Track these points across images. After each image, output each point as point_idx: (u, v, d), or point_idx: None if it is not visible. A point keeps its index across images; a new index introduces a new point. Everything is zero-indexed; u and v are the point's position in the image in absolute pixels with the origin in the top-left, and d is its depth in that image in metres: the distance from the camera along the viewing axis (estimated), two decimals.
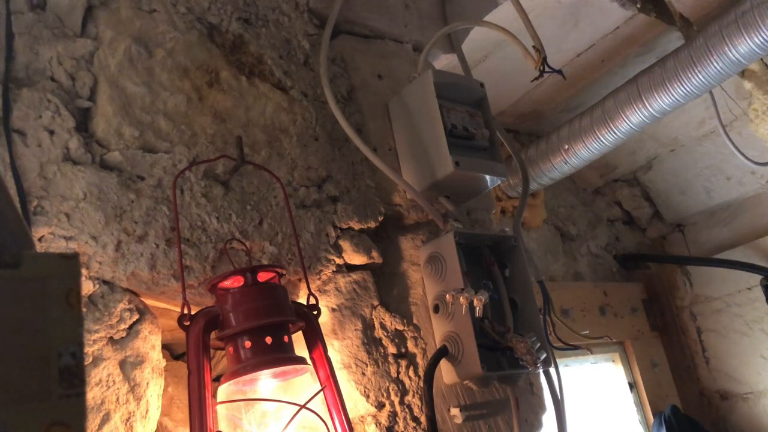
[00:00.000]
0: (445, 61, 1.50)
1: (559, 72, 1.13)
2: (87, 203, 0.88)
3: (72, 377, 0.43)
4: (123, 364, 0.87)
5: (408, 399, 1.08)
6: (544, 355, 1.09)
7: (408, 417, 1.06)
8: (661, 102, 1.74)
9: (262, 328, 0.87)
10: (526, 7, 1.18)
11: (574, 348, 1.23)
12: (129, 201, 0.92)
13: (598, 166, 2.59)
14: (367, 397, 1.04)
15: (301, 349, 0.94)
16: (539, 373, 1.23)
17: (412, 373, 1.10)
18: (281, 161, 1.09)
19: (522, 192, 1.36)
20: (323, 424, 0.89)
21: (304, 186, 1.11)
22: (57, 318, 0.44)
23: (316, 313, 0.98)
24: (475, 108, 1.25)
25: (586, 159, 2.00)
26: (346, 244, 1.12)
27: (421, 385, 1.08)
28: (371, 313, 1.11)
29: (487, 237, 1.20)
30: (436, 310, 1.12)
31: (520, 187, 1.37)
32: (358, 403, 1.04)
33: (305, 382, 0.92)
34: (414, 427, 1.06)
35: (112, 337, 0.87)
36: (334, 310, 1.08)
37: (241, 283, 0.90)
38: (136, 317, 0.90)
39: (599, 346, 2.24)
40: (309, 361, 0.94)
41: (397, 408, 1.06)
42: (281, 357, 0.88)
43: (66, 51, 0.95)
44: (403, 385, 1.08)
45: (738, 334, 2.36)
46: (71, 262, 0.46)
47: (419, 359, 1.12)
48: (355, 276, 1.12)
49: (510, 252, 1.21)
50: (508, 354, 1.08)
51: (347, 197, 1.15)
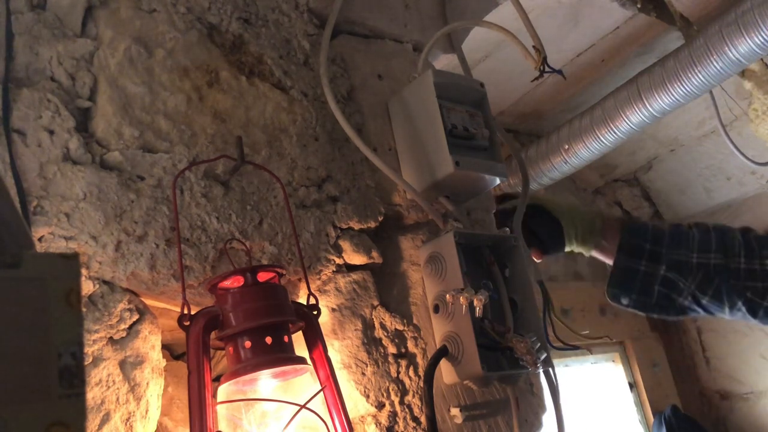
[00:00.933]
0: (445, 61, 1.50)
1: (559, 72, 1.13)
2: (87, 203, 0.88)
3: (72, 377, 0.43)
4: (123, 364, 0.87)
5: (408, 399, 1.08)
6: (544, 355, 1.09)
7: (408, 417, 1.06)
8: (661, 102, 1.74)
9: (262, 328, 0.87)
10: (526, 7, 1.18)
11: (573, 348, 1.23)
12: (129, 201, 0.92)
13: (598, 166, 2.59)
14: (367, 397, 1.04)
15: (301, 349, 0.94)
16: (539, 373, 1.23)
17: (412, 373, 1.10)
18: (281, 161, 1.09)
19: (522, 192, 1.36)
20: (323, 424, 0.89)
21: (304, 186, 1.11)
22: (57, 318, 0.44)
23: (316, 313, 0.98)
24: (475, 108, 1.25)
25: (586, 159, 2.00)
26: (346, 244, 1.12)
27: (421, 385, 1.08)
28: (371, 313, 1.11)
29: (487, 237, 1.20)
30: (436, 310, 1.12)
31: (520, 187, 1.36)
32: (358, 403, 1.04)
33: (305, 382, 0.92)
34: (414, 427, 1.06)
35: (112, 337, 0.87)
36: (334, 310, 1.08)
37: (241, 283, 0.90)
38: (136, 317, 0.90)
39: (599, 346, 2.24)
40: (309, 361, 0.94)
41: (397, 408, 1.06)
42: (281, 357, 0.88)
43: (66, 51, 0.95)
44: (403, 385, 1.08)
45: (738, 334, 2.36)
46: (71, 262, 0.46)
47: (419, 359, 1.12)
48: (355, 276, 1.12)
49: (510, 252, 1.21)
50: (508, 354, 1.08)
51: (347, 197, 1.15)
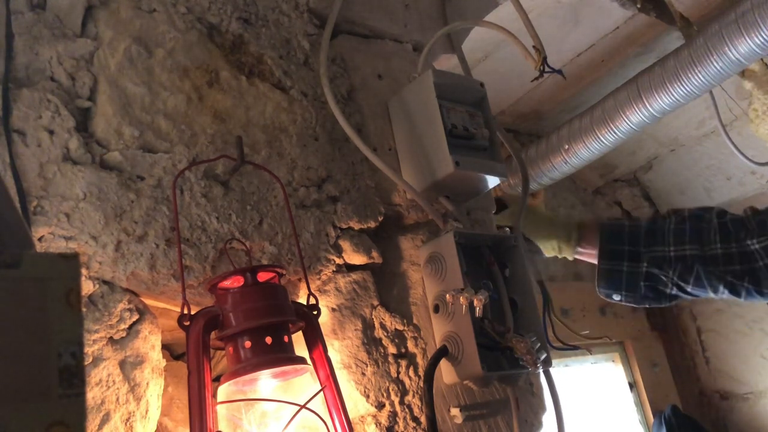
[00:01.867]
0: (445, 61, 1.50)
1: (559, 72, 1.13)
2: (87, 203, 0.88)
3: (72, 377, 0.43)
4: (123, 364, 0.87)
5: (408, 399, 1.08)
6: (544, 355, 1.09)
7: (408, 417, 1.06)
8: (661, 102, 1.74)
9: (262, 328, 0.87)
10: (526, 7, 1.18)
11: (573, 348, 1.23)
12: (129, 201, 0.92)
13: (598, 166, 2.59)
14: (367, 397, 1.04)
15: (301, 349, 0.94)
16: (539, 373, 1.23)
17: (412, 373, 1.10)
18: (281, 161, 1.09)
19: (522, 192, 1.36)
20: (323, 424, 0.89)
21: (304, 186, 1.11)
22: (57, 318, 0.44)
23: (316, 313, 0.98)
24: (475, 108, 1.25)
25: (586, 159, 2.00)
26: (346, 244, 1.12)
27: (421, 385, 1.08)
28: (371, 313, 1.11)
29: (487, 237, 1.20)
30: (436, 310, 1.12)
31: (520, 187, 1.36)
32: (358, 403, 1.04)
33: (305, 382, 0.92)
34: (414, 427, 1.06)
35: (112, 337, 0.87)
36: (334, 310, 1.08)
37: (241, 283, 0.90)
38: (136, 317, 0.90)
39: (599, 346, 2.24)
40: (309, 361, 0.94)
41: (397, 408, 1.06)
42: (281, 357, 0.88)
43: (66, 51, 0.95)
44: (403, 385, 1.08)
45: (738, 334, 2.37)
46: (71, 262, 0.46)
47: (419, 359, 1.12)
48: (355, 276, 1.12)
49: (510, 252, 1.21)
50: (508, 354, 1.08)
51: (347, 197, 1.15)
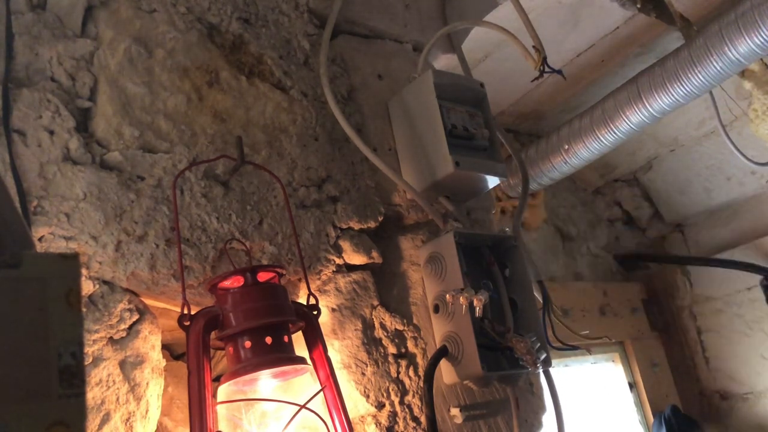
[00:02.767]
0: (445, 61, 1.50)
1: (559, 72, 1.13)
2: (87, 203, 0.88)
3: (72, 377, 0.43)
4: (123, 364, 0.87)
5: (408, 399, 1.08)
6: (544, 355, 1.09)
7: (408, 417, 1.06)
8: (661, 102, 1.74)
9: (262, 328, 0.87)
10: (526, 7, 1.18)
11: (573, 348, 1.23)
12: (129, 201, 0.92)
13: (598, 166, 2.59)
14: (367, 397, 1.04)
15: (301, 349, 0.94)
16: (539, 373, 1.23)
17: (412, 373, 1.10)
18: (281, 161, 1.09)
19: (522, 192, 1.36)
20: (323, 424, 0.89)
21: (304, 186, 1.11)
22: (57, 318, 0.44)
23: (316, 313, 0.98)
24: (475, 108, 1.25)
25: (586, 159, 2.00)
26: (346, 244, 1.12)
27: (421, 385, 1.08)
28: (371, 313, 1.11)
29: (487, 237, 1.20)
30: (436, 310, 1.12)
31: (520, 187, 1.37)
32: (358, 403, 1.04)
33: (305, 382, 0.92)
34: (414, 427, 1.06)
35: (112, 337, 0.87)
36: (334, 310, 1.08)
37: (241, 283, 0.90)
38: (136, 317, 0.90)
39: (599, 346, 2.24)
40: (309, 361, 0.94)
41: (397, 408, 1.06)
42: (281, 357, 0.88)
43: (66, 51, 0.95)
44: (403, 385, 1.08)
45: (738, 334, 2.36)
46: (71, 262, 0.46)
47: (419, 359, 1.12)
48: (355, 276, 1.12)
49: (510, 252, 1.21)
50: (508, 354, 1.08)
51: (347, 197, 1.15)
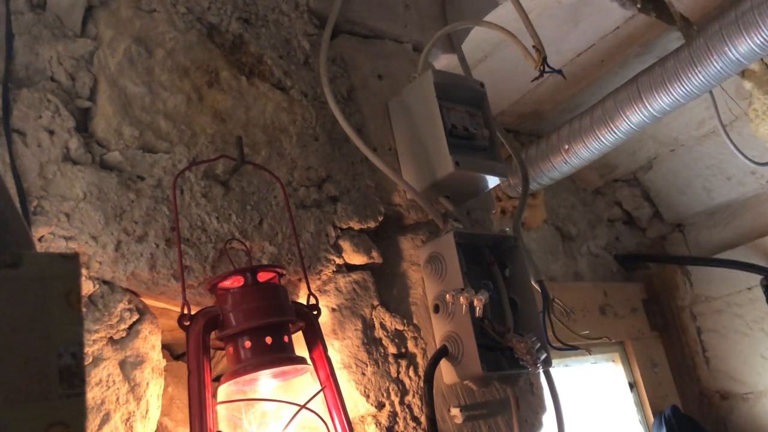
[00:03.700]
0: (445, 61, 1.50)
1: (559, 72, 1.13)
2: (87, 203, 0.88)
3: (72, 377, 0.43)
4: (123, 364, 0.87)
5: (408, 399, 1.08)
6: (544, 355, 1.09)
7: (408, 417, 1.06)
8: (661, 102, 1.74)
9: (262, 328, 0.87)
10: (526, 7, 1.18)
11: (573, 348, 1.23)
12: (129, 201, 0.92)
13: (598, 166, 2.59)
14: (367, 397, 1.04)
15: (301, 349, 0.94)
16: (539, 373, 1.23)
17: (412, 373, 1.10)
18: (281, 161, 1.09)
19: (522, 192, 1.36)
20: (323, 424, 0.89)
21: (304, 186, 1.11)
22: (57, 318, 0.44)
23: (316, 313, 0.98)
24: (475, 108, 1.25)
25: (586, 159, 2.00)
26: (346, 244, 1.12)
27: (421, 385, 1.08)
28: (371, 313, 1.11)
29: (487, 237, 1.20)
30: (436, 310, 1.12)
31: (520, 187, 1.36)
32: (358, 403, 1.04)
33: (305, 382, 0.92)
34: (414, 427, 1.06)
35: (112, 337, 0.87)
36: (334, 310, 1.08)
37: (241, 283, 0.90)
38: (136, 317, 0.90)
39: (599, 346, 2.24)
40: (309, 361, 0.94)
41: (397, 408, 1.06)
42: (281, 357, 0.88)
43: (66, 51, 0.95)
44: (403, 385, 1.08)
45: (738, 334, 2.36)
46: (71, 262, 0.46)
47: (419, 359, 1.12)
48: (355, 276, 1.12)
49: (510, 252, 1.21)
50: (508, 354, 1.08)
51: (347, 197, 1.15)
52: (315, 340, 0.96)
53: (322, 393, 0.92)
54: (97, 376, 0.84)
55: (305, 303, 0.98)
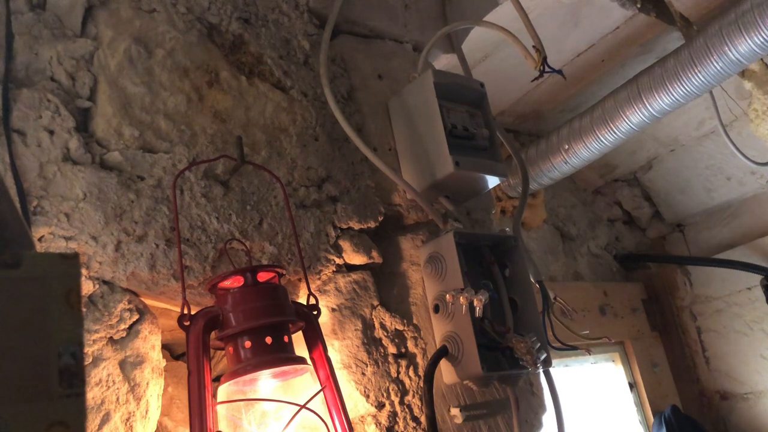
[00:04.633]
0: (445, 61, 1.50)
1: (559, 72, 1.13)
2: (87, 203, 0.88)
3: (72, 377, 0.43)
4: (123, 364, 0.87)
5: (408, 399, 1.08)
6: (544, 355, 1.09)
7: (408, 417, 1.06)
8: (661, 102, 1.74)
9: (262, 328, 0.87)
10: (526, 7, 1.18)
11: (572, 348, 1.23)
12: (129, 201, 0.92)
13: (598, 166, 2.59)
14: (367, 397, 1.04)
15: (301, 349, 0.94)
16: (539, 373, 1.23)
17: (412, 373, 1.10)
18: (281, 161, 1.09)
19: (522, 192, 1.36)
20: (323, 424, 0.89)
21: (304, 186, 1.11)
22: (57, 318, 0.44)
23: (316, 313, 0.98)
24: (475, 108, 1.25)
25: (586, 159, 2.00)
26: (346, 244, 1.12)
27: (421, 385, 1.08)
28: (371, 313, 1.11)
29: (487, 237, 1.20)
30: (436, 310, 1.12)
31: (520, 187, 1.36)
32: (358, 403, 1.04)
33: (305, 382, 0.92)
34: (414, 427, 1.06)
35: (112, 337, 0.87)
36: (334, 310, 1.08)
37: (241, 283, 0.90)
38: (136, 317, 0.90)
39: (599, 346, 2.24)
40: (309, 361, 0.94)
41: (397, 408, 1.06)
42: (281, 357, 0.88)
43: (66, 51, 0.95)
44: (403, 385, 1.08)
45: (738, 334, 2.37)
46: (71, 262, 0.46)
47: (419, 359, 1.12)
48: (355, 276, 1.12)
49: (510, 252, 1.21)
50: (508, 354, 1.08)
51: (347, 197, 1.15)
52: (315, 340, 0.96)
53: (322, 393, 0.92)
54: (97, 376, 0.84)
55: (305, 303, 0.98)
